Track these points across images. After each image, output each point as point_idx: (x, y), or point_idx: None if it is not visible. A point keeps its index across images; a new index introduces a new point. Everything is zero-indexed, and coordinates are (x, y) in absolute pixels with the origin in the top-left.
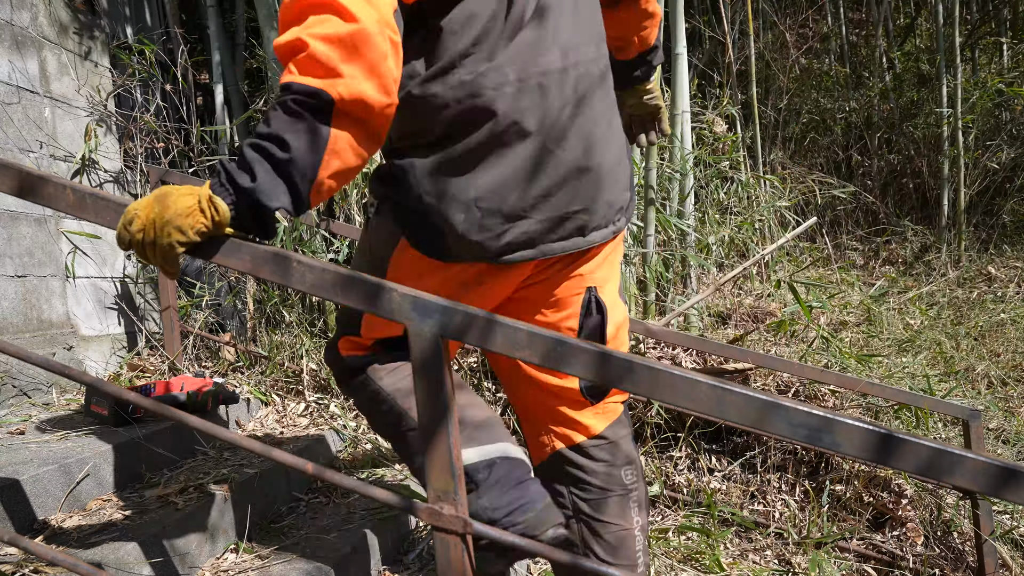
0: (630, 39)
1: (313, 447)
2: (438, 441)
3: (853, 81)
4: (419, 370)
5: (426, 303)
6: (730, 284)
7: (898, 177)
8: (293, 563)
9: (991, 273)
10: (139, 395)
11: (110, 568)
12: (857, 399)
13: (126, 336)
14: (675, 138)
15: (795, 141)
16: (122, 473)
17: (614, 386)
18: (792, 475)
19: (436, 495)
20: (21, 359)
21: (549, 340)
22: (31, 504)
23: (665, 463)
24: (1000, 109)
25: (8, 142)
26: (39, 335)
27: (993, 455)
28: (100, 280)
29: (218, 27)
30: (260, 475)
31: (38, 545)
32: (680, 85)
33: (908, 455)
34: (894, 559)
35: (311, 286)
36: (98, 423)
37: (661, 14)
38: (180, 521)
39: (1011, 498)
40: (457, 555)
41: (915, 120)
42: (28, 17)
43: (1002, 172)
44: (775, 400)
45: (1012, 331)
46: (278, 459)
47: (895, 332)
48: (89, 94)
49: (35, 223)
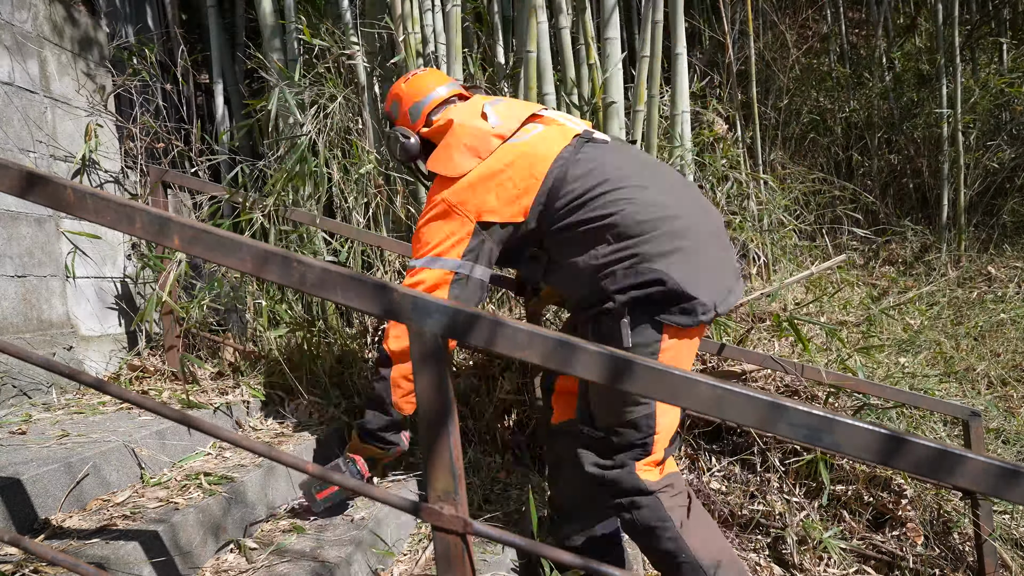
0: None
1: (313, 447)
2: (439, 442)
3: (853, 81)
4: (419, 370)
5: (426, 303)
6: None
7: (898, 177)
8: (293, 563)
9: (991, 273)
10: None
11: (110, 568)
12: (857, 399)
13: (126, 336)
14: (675, 138)
15: (795, 141)
16: (122, 473)
17: (615, 386)
18: (792, 475)
19: (436, 495)
20: (22, 359)
21: (549, 341)
22: (32, 504)
23: None
24: (1000, 109)
25: (8, 142)
26: (39, 335)
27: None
28: (100, 280)
29: (218, 27)
30: (260, 475)
31: (38, 545)
32: (680, 85)
33: (909, 455)
34: (894, 559)
35: (311, 286)
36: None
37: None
38: (180, 521)
39: (1012, 498)
40: (457, 554)
41: (915, 120)
42: (28, 17)
43: (1002, 172)
44: (775, 400)
45: (1012, 331)
46: (278, 459)
47: (895, 332)
48: (89, 94)
49: (35, 223)
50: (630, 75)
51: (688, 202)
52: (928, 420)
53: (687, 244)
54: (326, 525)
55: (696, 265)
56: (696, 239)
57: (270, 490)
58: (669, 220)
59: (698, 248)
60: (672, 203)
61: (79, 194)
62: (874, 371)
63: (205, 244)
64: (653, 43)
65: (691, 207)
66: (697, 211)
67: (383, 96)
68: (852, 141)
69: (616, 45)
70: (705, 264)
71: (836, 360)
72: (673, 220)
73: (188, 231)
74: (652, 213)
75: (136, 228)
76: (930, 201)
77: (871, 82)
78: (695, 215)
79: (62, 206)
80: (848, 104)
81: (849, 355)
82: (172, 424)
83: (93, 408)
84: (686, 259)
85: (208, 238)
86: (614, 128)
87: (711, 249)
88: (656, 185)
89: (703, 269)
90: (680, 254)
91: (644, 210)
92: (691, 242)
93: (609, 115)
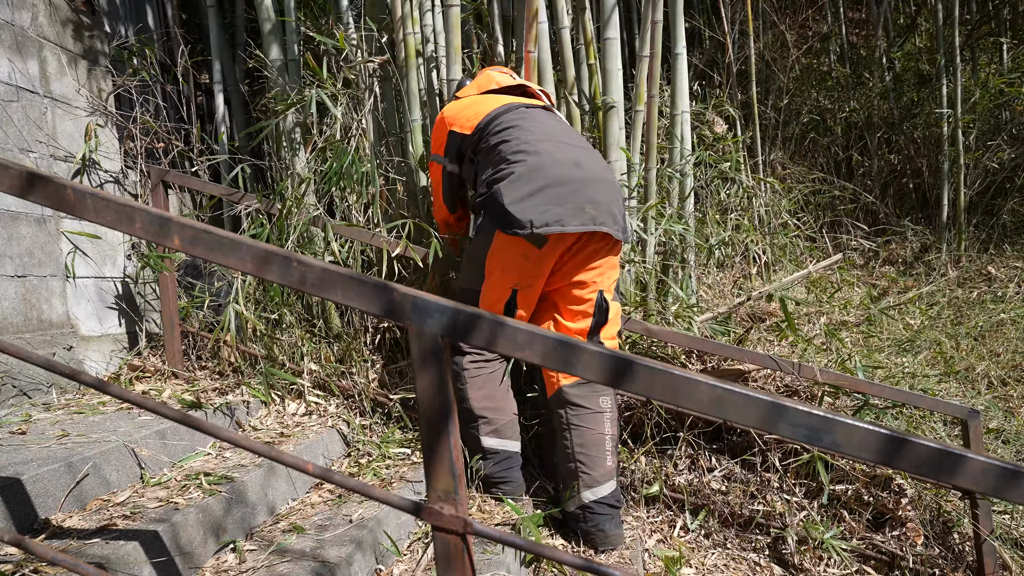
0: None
1: (313, 447)
2: (439, 442)
3: (853, 81)
4: (420, 369)
5: (426, 303)
6: (730, 284)
7: (898, 177)
8: (294, 563)
9: (991, 273)
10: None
11: (110, 568)
12: (857, 399)
13: (126, 336)
14: (675, 138)
15: (795, 141)
16: (122, 473)
17: (614, 386)
18: (792, 475)
19: (437, 495)
20: (22, 359)
21: (549, 340)
22: (32, 504)
23: (665, 463)
24: (1000, 109)
25: (8, 142)
26: (39, 335)
27: (993, 455)
28: (100, 280)
29: (218, 27)
30: (260, 475)
31: (39, 545)
32: (680, 85)
33: (909, 455)
34: (894, 559)
35: (311, 286)
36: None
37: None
38: (180, 521)
39: (1012, 498)
40: (457, 554)
41: (915, 120)
42: (28, 17)
43: (1002, 172)
44: (775, 400)
45: (1012, 331)
46: (278, 459)
47: (895, 332)
48: (89, 94)
49: (35, 223)
50: (630, 75)
51: (562, 157)
52: (928, 420)
53: (536, 181)
54: (326, 525)
55: (529, 195)
56: (546, 180)
57: (271, 490)
58: (532, 162)
59: (544, 187)
60: (545, 152)
61: (79, 194)
62: (874, 371)
63: (205, 244)
64: (653, 43)
65: (563, 161)
66: (567, 165)
67: (383, 96)
68: (852, 141)
69: (616, 45)
70: (544, 198)
71: (836, 360)
72: (536, 164)
73: (188, 231)
74: (523, 156)
75: (136, 228)
76: (930, 201)
77: (871, 82)
78: (561, 167)
79: (62, 206)
80: (848, 104)
81: (849, 355)
82: (172, 424)
83: (93, 408)
84: (521, 188)
85: (208, 238)
86: (614, 128)
87: (561, 192)
88: (543, 139)
89: (537, 199)
90: (521, 183)
91: (519, 151)
92: (541, 182)
93: (609, 115)
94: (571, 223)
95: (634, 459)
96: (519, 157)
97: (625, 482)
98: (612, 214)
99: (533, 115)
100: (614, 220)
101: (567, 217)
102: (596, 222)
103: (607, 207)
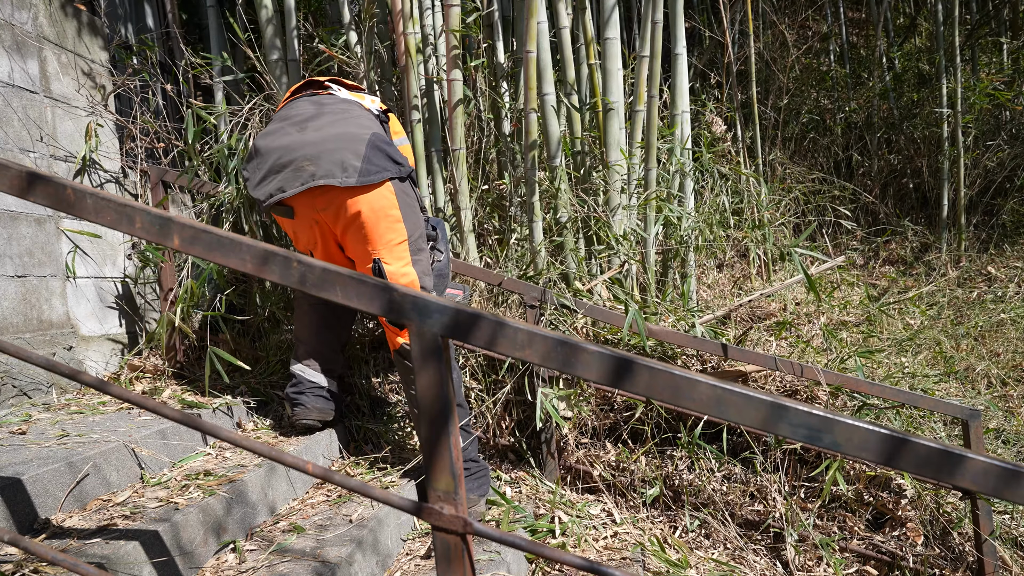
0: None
1: (313, 447)
2: (439, 442)
3: (853, 81)
4: (420, 369)
5: (426, 303)
6: (730, 284)
7: (898, 177)
8: (294, 563)
9: (991, 273)
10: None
11: (111, 568)
12: (857, 399)
13: (127, 336)
14: (675, 138)
15: (795, 141)
16: (122, 473)
17: (615, 386)
18: (792, 475)
19: (437, 495)
20: (22, 359)
21: (549, 340)
22: (32, 504)
23: (665, 463)
24: (1000, 109)
25: (8, 142)
26: (39, 335)
27: (993, 455)
28: (100, 280)
29: (218, 27)
30: (260, 475)
31: (39, 545)
32: (680, 85)
33: (909, 455)
34: (894, 559)
35: (312, 286)
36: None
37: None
38: (181, 521)
39: (1012, 498)
40: (457, 555)
41: (915, 120)
42: (28, 17)
43: (1001, 172)
44: (775, 400)
45: (1012, 331)
46: (278, 459)
47: (895, 332)
48: (89, 94)
49: (35, 223)
50: (630, 75)
51: (287, 132)
52: (928, 420)
53: (268, 163)
54: (326, 525)
55: (261, 175)
56: (272, 159)
57: (271, 490)
58: (267, 145)
59: (269, 166)
60: (272, 132)
61: (79, 194)
62: (874, 371)
63: (205, 244)
64: (653, 43)
65: (293, 139)
66: (290, 135)
67: (383, 95)
68: (852, 141)
69: (616, 45)
70: (266, 176)
71: (836, 360)
72: (271, 147)
73: (188, 231)
74: (255, 145)
75: (136, 228)
76: (930, 201)
77: (871, 82)
78: (290, 148)
79: (62, 206)
80: (848, 104)
81: (849, 355)
82: (172, 424)
83: (93, 408)
84: (257, 171)
85: (208, 238)
86: (614, 128)
87: (281, 162)
88: (278, 122)
89: (262, 178)
90: (260, 167)
91: (254, 144)
92: (272, 162)
93: (609, 115)
94: (291, 186)
95: (634, 459)
96: (252, 149)
97: (625, 482)
98: (340, 163)
99: (290, 106)
100: (343, 169)
101: (288, 183)
102: (315, 177)
103: (335, 158)
